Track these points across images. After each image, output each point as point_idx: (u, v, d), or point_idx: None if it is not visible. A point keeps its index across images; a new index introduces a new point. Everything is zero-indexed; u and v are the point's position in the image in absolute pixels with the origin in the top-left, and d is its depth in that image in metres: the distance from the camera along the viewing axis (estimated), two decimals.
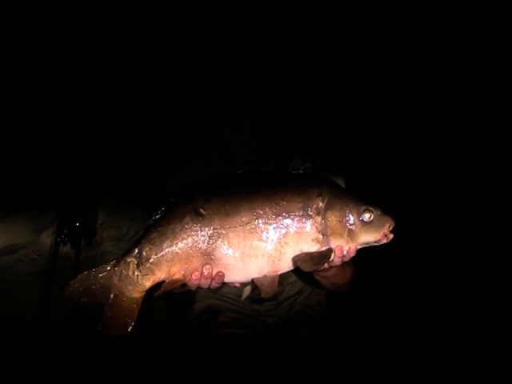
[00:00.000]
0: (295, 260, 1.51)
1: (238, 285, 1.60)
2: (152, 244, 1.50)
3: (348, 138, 3.91)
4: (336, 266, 1.66)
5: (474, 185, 3.64)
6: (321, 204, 1.52)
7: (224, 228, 1.49)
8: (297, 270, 2.12)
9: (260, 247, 1.49)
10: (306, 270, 1.56)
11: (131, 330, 1.52)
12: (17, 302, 3.57)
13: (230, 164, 2.15)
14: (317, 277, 1.91)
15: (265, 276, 1.52)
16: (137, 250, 1.51)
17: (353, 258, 1.96)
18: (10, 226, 3.93)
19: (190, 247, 1.49)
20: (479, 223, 3.61)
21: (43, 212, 3.91)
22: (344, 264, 1.86)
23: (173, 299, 2.93)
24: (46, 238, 3.86)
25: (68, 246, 3.21)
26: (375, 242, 1.57)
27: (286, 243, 1.50)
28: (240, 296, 2.13)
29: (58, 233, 3.18)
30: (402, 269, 3.68)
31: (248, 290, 1.70)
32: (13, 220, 3.94)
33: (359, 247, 1.58)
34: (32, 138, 3.83)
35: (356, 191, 1.64)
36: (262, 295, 1.56)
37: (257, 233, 1.48)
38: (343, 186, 2.08)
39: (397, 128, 3.92)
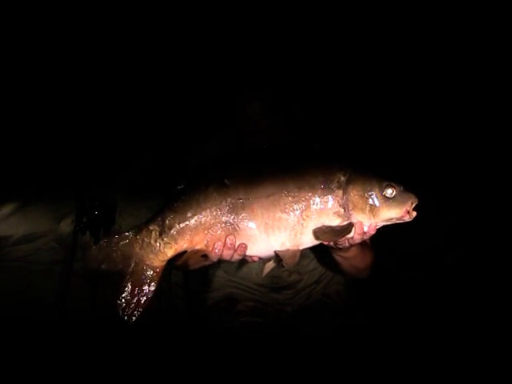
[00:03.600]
0: (316, 232, 1.50)
1: (256, 259, 1.59)
2: (175, 212, 1.50)
3: (364, 129, 3.90)
4: (356, 245, 1.64)
5: (493, 174, 3.61)
6: (342, 178, 1.51)
7: (248, 199, 1.48)
8: (315, 258, 2.14)
9: (283, 219, 1.48)
10: (326, 241, 1.55)
11: (150, 300, 1.50)
12: (36, 290, 3.59)
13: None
14: (337, 258, 1.88)
15: (287, 249, 1.51)
16: (160, 218, 1.50)
17: (373, 242, 1.96)
18: (29, 215, 3.96)
19: (214, 217, 1.48)
20: (497, 213, 3.58)
21: (62, 201, 3.93)
22: (364, 247, 1.86)
23: (191, 288, 2.94)
24: (65, 227, 3.88)
25: (87, 234, 3.22)
26: (397, 218, 1.54)
27: (308, 216, 1.49)
28: (258, 284, 2.15)
29: (76, 222, 3.18)
30: (420, 259, 3.65)
31: (270, 265, 1.69)
32: (32, 209, 3.97)
33: (380, 224, 1.56)
34: (51, 128, 3.86)
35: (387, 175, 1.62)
36: (285, 266, 1.55)
37: (280, 205, 1.48)
38: None
39: (413, 118, 3.90)
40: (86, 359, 2.79)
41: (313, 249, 1.61)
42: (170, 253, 1.50)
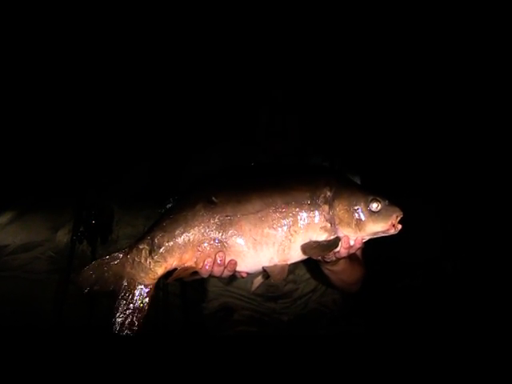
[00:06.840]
0: (303, 247, 1.52)
1: (245, 275, 1.60)
2: (164, 231, 1.51)
3: (365, 138, 3.91)
4: (343, 258, 1.66)
5: (492, 181, 3.61)
6: (328, 193, 1.53)
7: (236, 215, 1.50)
8: (311, 268, 2.14)
9: (271, 235, 1.50)
10: (313, 256, 1.57)
11: (144, 317, 1.52)
12: (33, 299, 3.60)
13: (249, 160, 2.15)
14: (326, 271, 1.89)
15: (275, 265, 1.53)
16: (149, 237, 1.52)
17: (365, 256, 1.97)
18: (27, 225, 3.97)
19: (202, 234, 1.50)
20: (495, 220, 3.59)
21: (59, 210, 3.95)
22: (354, 262, 1.87)
23: (188, 298, 2.94)
24: (63, 236, 3.89)
25: (84, 243, 3.22)
26: (383, 232, 1.56)
27: (296, 231, 1.51)
28: (254, 294, 2.15)
29: (74, 231, 3.19)
30: (418, 267, 3.65)
31: (258, 280, 1.71)
32: (30, 218, 3.98)
33: (367, 238, 1.57)
34: (49, 137, 3.87)
35: (372, 189, 1.63)
36: (272, 281, 1.58)
37: (267, 221, 1.50)
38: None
39: (412, 128, 3.91)
40: (84, 368, 2.79)
41: (308, 259, 1.62)
42: (160, 271, 1.52)
